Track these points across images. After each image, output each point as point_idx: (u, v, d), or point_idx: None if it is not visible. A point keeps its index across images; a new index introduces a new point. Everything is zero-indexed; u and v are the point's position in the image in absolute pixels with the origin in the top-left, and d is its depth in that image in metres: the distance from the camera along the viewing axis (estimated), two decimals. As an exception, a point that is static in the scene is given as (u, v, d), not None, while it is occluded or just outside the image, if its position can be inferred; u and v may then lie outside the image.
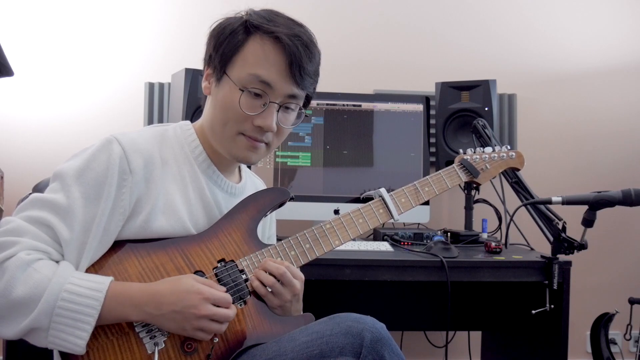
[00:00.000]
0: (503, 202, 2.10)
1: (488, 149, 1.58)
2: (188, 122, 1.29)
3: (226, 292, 1.12)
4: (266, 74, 1.16)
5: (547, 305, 1.78)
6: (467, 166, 1.52)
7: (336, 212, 2.14)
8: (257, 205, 1.27)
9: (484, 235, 2.15)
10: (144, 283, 1.11)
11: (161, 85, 2.46)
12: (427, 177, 1.45)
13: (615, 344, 2.54)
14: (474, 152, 1.56)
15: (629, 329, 2.10)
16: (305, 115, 1.27)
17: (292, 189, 2.20)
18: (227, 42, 1.18)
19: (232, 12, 1.23)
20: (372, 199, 1.38)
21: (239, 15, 1.22)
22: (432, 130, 2.40)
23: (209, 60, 1.23)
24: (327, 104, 2.26)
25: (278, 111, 1.20)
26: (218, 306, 1.08)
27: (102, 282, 1.06)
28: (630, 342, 2.65)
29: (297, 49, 1.16)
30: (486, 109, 2.30)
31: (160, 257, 1.15)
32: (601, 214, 1.73)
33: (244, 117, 1.18)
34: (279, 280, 1.17)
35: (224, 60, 1.19)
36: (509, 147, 1.63)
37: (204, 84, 1.25)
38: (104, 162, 1.11)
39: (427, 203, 2.24)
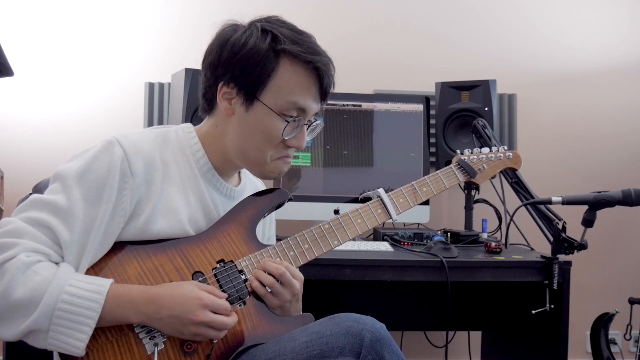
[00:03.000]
0: (503, 202, 2.10)
1: (485, 149, 1.58)
2: (190, 125, 1.29)
3: (227, 298, 1.13)
4: (303, 101, 1.18)
5: (547, 305, 1.78)
6: (464, 166, 1.52)
7: (336, 212, 2.14)
8: (255, 206, 1.27)
9: (484, 235, 2.15)
10: (145, 285, 1.11)
11: (161, 85, 2.46)
12: (425, 177, 1.45)
13: (615, 344, 2.54)
14: (472, 153, 1.56)
15: (629, 329, 2.10)
16: (323, 126, 1.32)
17: (292, 189, 2.20)
18: (259, 68, 1.15)
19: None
20: (370, 199, 1.38)
21: (252, 28, 1.17)
22: (432, 130, 2.40)
23: (230, 80, 1.18)
24: (327, 104, 2.26)
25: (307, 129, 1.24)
26: (217, 313, 1.08)
27: (102, 284, 1.06)
28: (630, 342, 2.65)
29: (330, 77, 1.21)
30: (486, 109, 2.30)
31: (160, 258, 1.15)
32: (601, 214, 1.73)
33: (281, 142, 1.20)
34: (278, 281, 1.17)
35: (256, 86, 1.17)
36: (506, 148, 1.63)
37: (222, 103, 1.20)
38: (105, 164, 1.11)
39: (427, 203, 2.24)
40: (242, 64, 1.16)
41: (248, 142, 1.20)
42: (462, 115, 2.34)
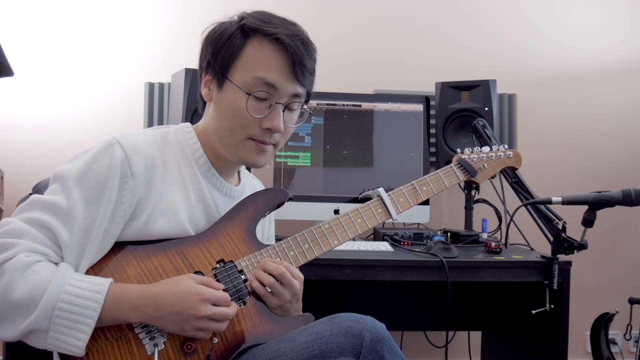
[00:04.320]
0: (503, 202, 2.10)
1: (485, 149, 1.58)
2: (189, 124, 1.29)
3: (224, 290, 1.13)
4: (269, 76, 1.17)
5: (547, 305, 1.78)
6: (465, 165, 1.52)
7: (336, 212, 2.14)
8: (255, 206, 1.27)
9: (484, 235, 2.15)
10: (144, 284, 1.11)
11: (161, 85, 2.46)
12: (425, 176, 1.45)
13: (615, 344, 2.54)
14: (472, 152, 1.57)
15: (629, 329, 2.10)
16: (310, 113, 1.28)
17: (292, 189, 2.20)
18: (225, 47, 1.18)
19: (227, 16, 1.23)
20: (370, 199, 1.38)
21: (232, 20, 1.22)
22: (432, 130, 2.40)
23: (207, 66, 1.22)
24: (327, 104, 2.26)
25: (284, 111, 1.20)
26: (217, 305, 1.08)
27: (101, 284, 1.06)
28: (630, 342, 2.65)
29: (298, 49, 1.17)
30: (486, 109, 2.30)
31: (160, 259, 1.15)
32: (601, 214, 1.73)
33: (251, 121, 1.18)
34: (278, 281, 1.17)
35: (224, 66, 1.18)
36: (506, 147, 1.63)
37: (203, 90, 1.24)
38: (105, 165, 1.11)
39: (427, 203, 2.24)
40: (212, 47, 1.20)
41: (221, 123, 1.21)
42: (462, 115, 2.34)
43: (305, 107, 1.26)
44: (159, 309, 1.06)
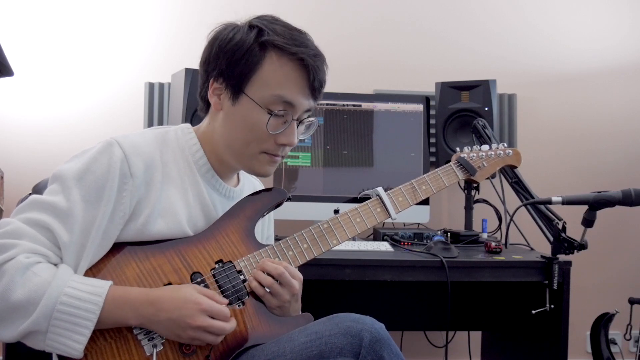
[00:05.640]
0: (503, 202, 2.10)
1: (485, 147, 1.58)
2: (189, 125, 1.29)
3: (223, 291, 1.12)
4: (289, 95, 1.17)
5: (547, 305, 1.78)
6: (464, 164, 1.52)
7: (336, 212, 2.13)
8: (254, 206, 1.27)
9: (484, 235, 2.15)
10: (144, 288, 1.11)
11: (161, 85, 2.46)
12: (424, 175, 1.44)
13: (615, 344, 2.53)
14: (471, 150, 1.56)
15: (629, 329, 2.10)
16: (318, 125, 1.29)
17: (292, 189, 2.20)
18: (243, 61, 1.16)
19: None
20: (369, 198, 1.38)
21: (243, 26, 1.19)
22: (432, 130, 2.40)
23: (218, 75, 1.19)
24: (327, 104, 2.26)
25: (298, 126, 1.21)
26: (215, 318, 1.08)
27: (101, 286, 1.06)
28: (630, 342, 2.65)
29: (319, 70, 1.18)
30: (486, 109, 2.29)
31: (158, 259, 1.15)
32: (601, 214, 1.73)
33: (267, 137, 1.18)
34: (277, 281, 1.17)
35: (241, 80, 1.17)
36: (505, 145, 1.63)
37: (212, 99, 1.22)
38: (104, 165, 1.11)
39: (427, 203, 2.24)
40: (228, 57, 1.17)
41: (234, 136, 1.20)
42: (462, 115, 2.34)
43: (311, 118, 1.26)
44: (157, 313, 1.06)
